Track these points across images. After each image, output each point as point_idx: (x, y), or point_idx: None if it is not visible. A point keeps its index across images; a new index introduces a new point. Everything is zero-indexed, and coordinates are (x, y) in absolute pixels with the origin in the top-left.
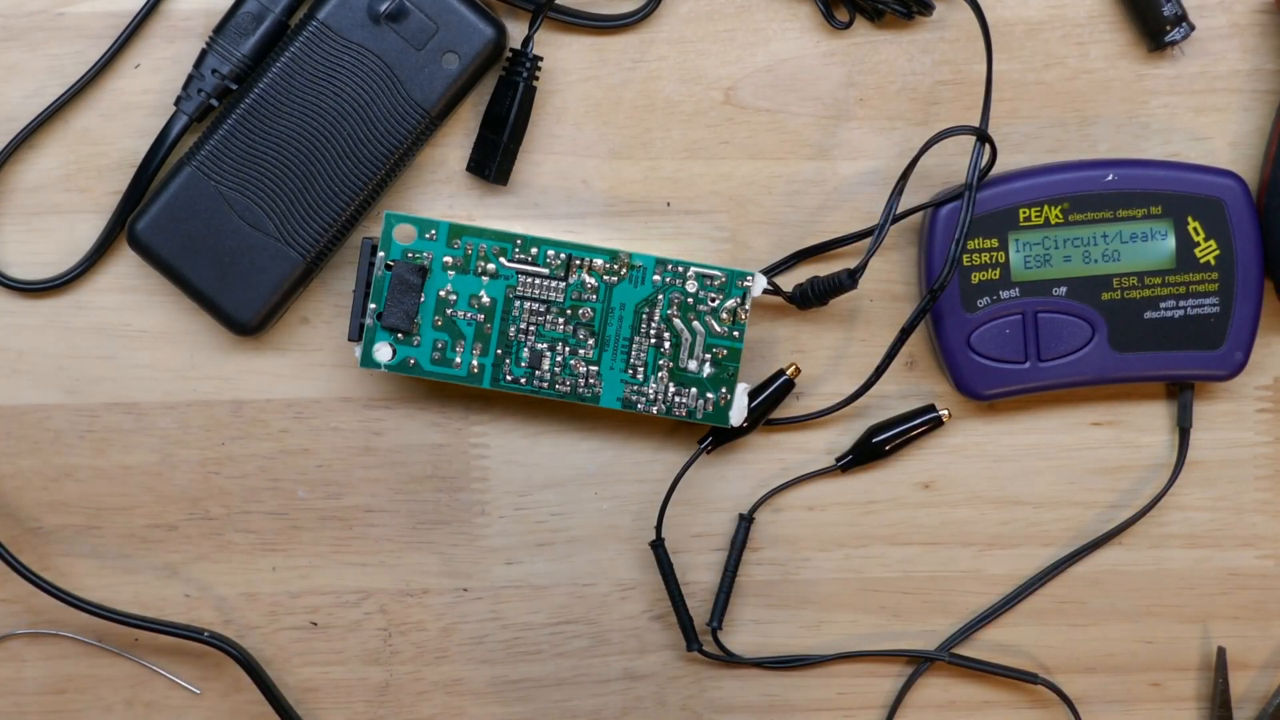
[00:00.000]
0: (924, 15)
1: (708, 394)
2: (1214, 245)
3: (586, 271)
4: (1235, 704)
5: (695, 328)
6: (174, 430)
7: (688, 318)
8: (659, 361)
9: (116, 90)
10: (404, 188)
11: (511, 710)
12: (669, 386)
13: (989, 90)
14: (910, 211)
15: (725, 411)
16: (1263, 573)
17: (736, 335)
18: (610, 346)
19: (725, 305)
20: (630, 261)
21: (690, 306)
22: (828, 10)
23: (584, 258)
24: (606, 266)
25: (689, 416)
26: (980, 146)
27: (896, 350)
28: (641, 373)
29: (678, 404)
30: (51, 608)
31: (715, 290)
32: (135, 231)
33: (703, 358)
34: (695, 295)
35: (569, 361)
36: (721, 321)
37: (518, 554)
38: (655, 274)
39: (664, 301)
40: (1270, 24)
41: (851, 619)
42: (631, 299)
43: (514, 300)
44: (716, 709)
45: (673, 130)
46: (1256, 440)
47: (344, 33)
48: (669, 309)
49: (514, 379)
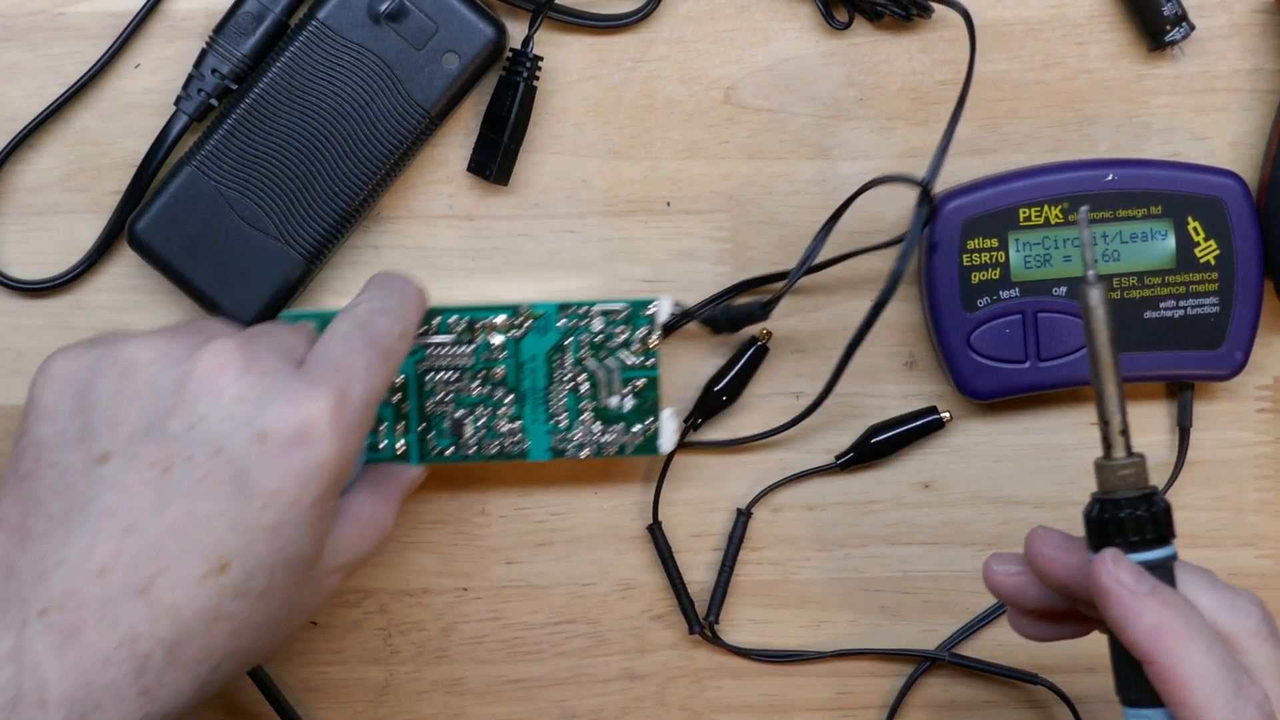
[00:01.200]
0: (923, 18)
1: (634, 427)
2: (1214, 245)
3: (491, 331)
4: None
5: (609, 364)
6: None
7: (600, 356)
8: (580, 405)
9: (116, 90)
10: (404, 187)
11: (511, 710)
12: (595, 427)
13: (955, 117)
14: (836, 260)
15: (654, 441)
16: (1263, 573)
17: (651, 364)
18: (529, 400)
19: (635, 336)
20: (531, 313)
21: (600, 345)
22: (827, 11)
23: (485, 318)
24: (509, 322)
25: (620, 453)
26: (923, 200)
27: (843, 367)
28: (565, 420)
29: (606, 443)
30: None
31: (622, 323)
32: (135, 231)
33: (622, 392)
34: (603, 332)
35: (491, 423)
36: (634, 353)
37: (518, 554)
38: (559, 320)
39: (573, 345)
40: (1270, 24)
41: (851, 619)
42: (541, 349)
43: (425, 373)
44: (716, 709)
45: (673, 130)
46: (1256, 440)
47: (344, 33)
48: (579, 352)
49: (439, 451)
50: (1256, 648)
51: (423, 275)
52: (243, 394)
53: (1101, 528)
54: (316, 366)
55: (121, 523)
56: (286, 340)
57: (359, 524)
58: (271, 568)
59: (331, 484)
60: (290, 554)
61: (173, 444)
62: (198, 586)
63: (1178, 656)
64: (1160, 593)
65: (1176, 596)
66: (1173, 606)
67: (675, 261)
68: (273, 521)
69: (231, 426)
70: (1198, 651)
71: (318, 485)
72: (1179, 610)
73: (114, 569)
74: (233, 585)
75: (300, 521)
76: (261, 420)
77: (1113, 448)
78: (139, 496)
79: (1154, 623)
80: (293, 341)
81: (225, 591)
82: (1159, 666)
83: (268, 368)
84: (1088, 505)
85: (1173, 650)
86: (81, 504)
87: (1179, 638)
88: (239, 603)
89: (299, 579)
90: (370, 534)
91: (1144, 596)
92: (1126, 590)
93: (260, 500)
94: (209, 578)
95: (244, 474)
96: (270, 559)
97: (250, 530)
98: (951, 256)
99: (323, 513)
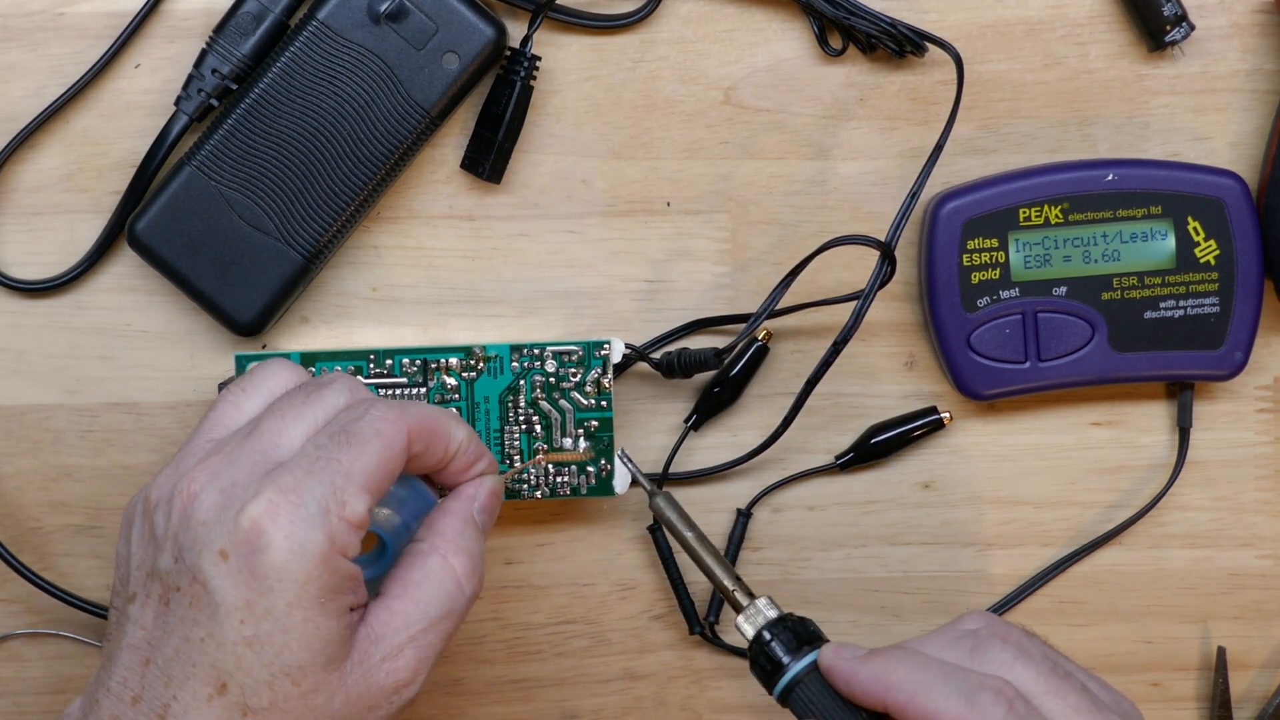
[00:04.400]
0: (915, 55)
1: (588, 469)
2: (1214, 245)
3: (445, 372)
4: (1235, 704)
5: (563, 406)
6: (174, 430)
7: (553, 397)
8: (534, 446)
9: (116, 90)
10: (404, 187)
11: (511, 710)
12: (549, 469)
13: (939, 149)
14: (796, 308)
15: (609, 482)
16: (1263, 573)
17: (605, 405)
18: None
19: (588, 378)
20: (485, 354)
21: (554, 386)
22: (821, 35)
23: (439, 359)
24: (463, 364)
25: (574, 493)
26: (882, 262)
27: (803, 401)
28: (518, 460)
29: (560, 484)
30: (51, 608)
31: (575, 365)
32: (135, 231)
33: (575, 434)
34: (556, 374)
35: None
36: (587, 395)
37: (518, 554)
38: (513, 361)
39: (526, 387)
40: (1270, 24)
41: (851, 619)
42: (494, 390)
43: None
44: (716, 709)
45: (673, 130)
46: (1256, 440)
47: (344, 33)
48: (533, 393)
49: None
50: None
51: (422, 275)
52: (205, 517)
53: (769, 658)
54: (279, 469)
55: (142, 655)
56: (273, 440)
57: (409, 593)
58: (269, 680)
59: (304, 582)
60: (286, 662)
61: (167, 578)
62: (205, 709)
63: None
64: (874, 654)
65: (889, 651)
66: (887, 657)
67: (675, 261)
68: (251, 634)
69: (199, 551)
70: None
71: (286, 588)
72: (894, 657)
73: (142, 698)
74: (237, 704)
75: (281, 629)
76: (219, 539)
77: (738, 601)
78: (152, 630)
79: (874, 671)
80: (282, 438)
81: (233, 710)
82: (892, 703)
83: (228, 483)
84: (750, 654)
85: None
86: (118, 639)
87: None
88: (251, 719)
89: (314, 684)
90: (429, 594)
91: (861, 661)
92: (846, 661)
93: (236, 617)
94: (213, 699)
95: (215, 594)
96: (263, 672)
97: (235, 647)
98: (951, 257)
99: (307, 614)
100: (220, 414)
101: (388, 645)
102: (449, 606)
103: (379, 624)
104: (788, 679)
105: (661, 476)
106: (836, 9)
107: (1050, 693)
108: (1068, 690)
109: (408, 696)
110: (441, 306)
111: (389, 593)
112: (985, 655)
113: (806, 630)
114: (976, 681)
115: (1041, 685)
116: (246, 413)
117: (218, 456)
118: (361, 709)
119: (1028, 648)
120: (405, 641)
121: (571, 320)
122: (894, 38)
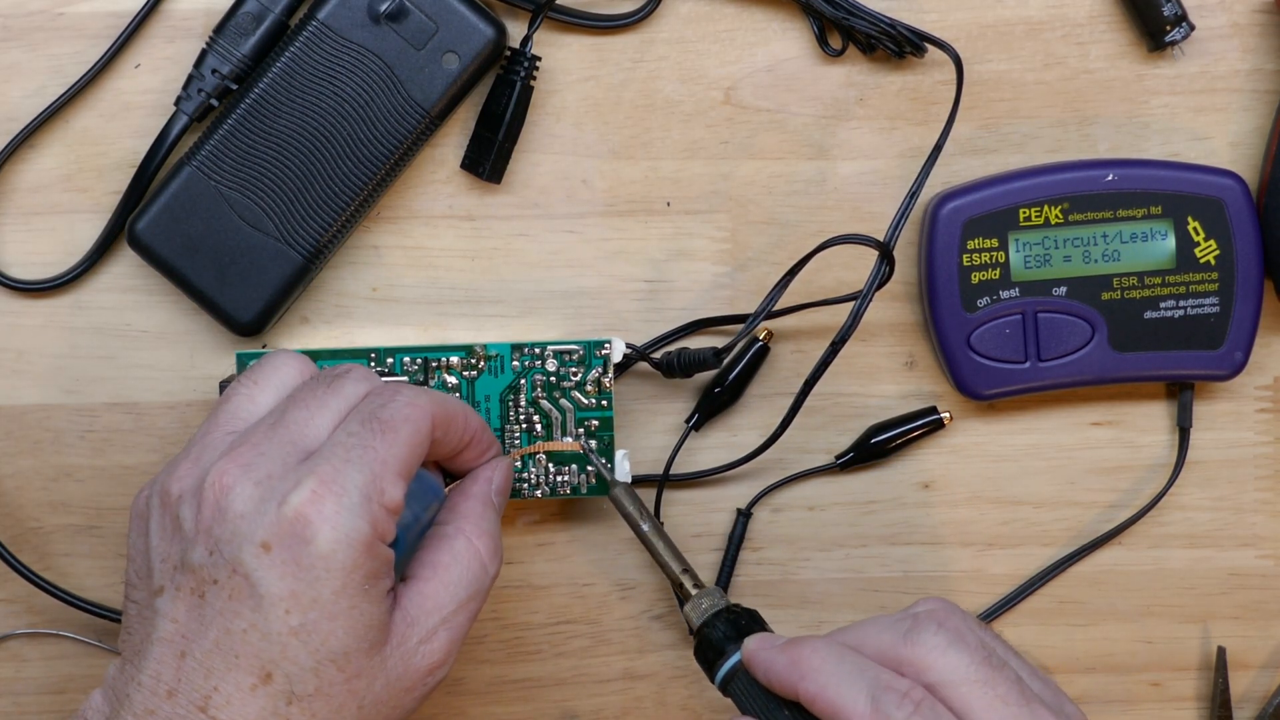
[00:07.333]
0: (915, 56)
1: (588, 468)
2: (1214, 245)
3: (445, 370)
4: (1235, 704)
5: (563, 405)
6: (174, 430)
7: (554, 396)
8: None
9: (116, 90)
10: (404, 187)
11: (511, 710)
12: (549, 468)
13: (937, 151)
14: (795, 308)
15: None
16: (1263, 573)
17: (605, 404)
18: None
19: (589, 377)
20: (486, 353)
21: (554, 385)
22: (821, 35)
23: (440, 358)
24: (464, 362)
25: (574, 493)
26: (881, 262)
27: (802, 401)
28: (519, 460)
29: (560, 483)
30: (51, 608)
31: (576, 364)
32: (135, 231)
33: (576, 433)
34: (557, 373)
35: None
36: (588, 394)
37: (518, 554)
38: (514, 360)
39: (527, 386)
40: (1270, 24)
41: (851, 619)
42: (495, 389)
43: None
44: (716, 709)
45: (673, 130)
46: (1256, 440)
47: (344, 33)
48: (534, 392)
49: None
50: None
51: (423, 275)
52: (243, 510)
53: (711, 646)
54: (315, 457)
55: (176, 649)
56: (300, 430)
57: (439, 575)
58: (314, 667)
59: (350, 570)
60: (332, 648)
61: (201, 571)
62: (250, 699)
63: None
64: (792, 642)
65: (804, 640)
66: (803, 646)
67: (675, 261)
68: (298, 624)
69: (239, 544)
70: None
71: (333, 577)
72: (809, 646)
73: (179, 691)
74: (283, 692)
75: (328, 616)
76: (260, 531)
77: (687, 591)
78: (186, 624)
79: (789, 659)
80: (309, 428)
81: (278, 699)
82: (804, 693)
83: (264, 475)
84: (695, 643)
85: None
86: (147, 633)
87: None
88: (295, 707)
89: (357, 669)
90: (457, 576)
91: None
92: (765, 650)
93: (281, 606)
94: (257, 689)
95: (259, 585)
96: (309, 659)
97: (280, 637)
98: (951, 257)
99: (353, 601)
100: (235, 406)
101: (423, 627)
102: (476, 587)
103: (413, 607)
104: (726, 669)
105: (663, 477)
106: (836, 9)
107: (978, 681)
108: (998, 680)
109: (440, 677)
110: (441, 307)
111: (419, 575)
112: (918, 639)
113: (753, 621)
114: (886, 680)
115: (970, 674)
116: (262, 405)
117: (245, 448)
118: (399, 691)
119: (964, 634)
120: (438, 623)
121: (571, 320)
122: (893, 38)
